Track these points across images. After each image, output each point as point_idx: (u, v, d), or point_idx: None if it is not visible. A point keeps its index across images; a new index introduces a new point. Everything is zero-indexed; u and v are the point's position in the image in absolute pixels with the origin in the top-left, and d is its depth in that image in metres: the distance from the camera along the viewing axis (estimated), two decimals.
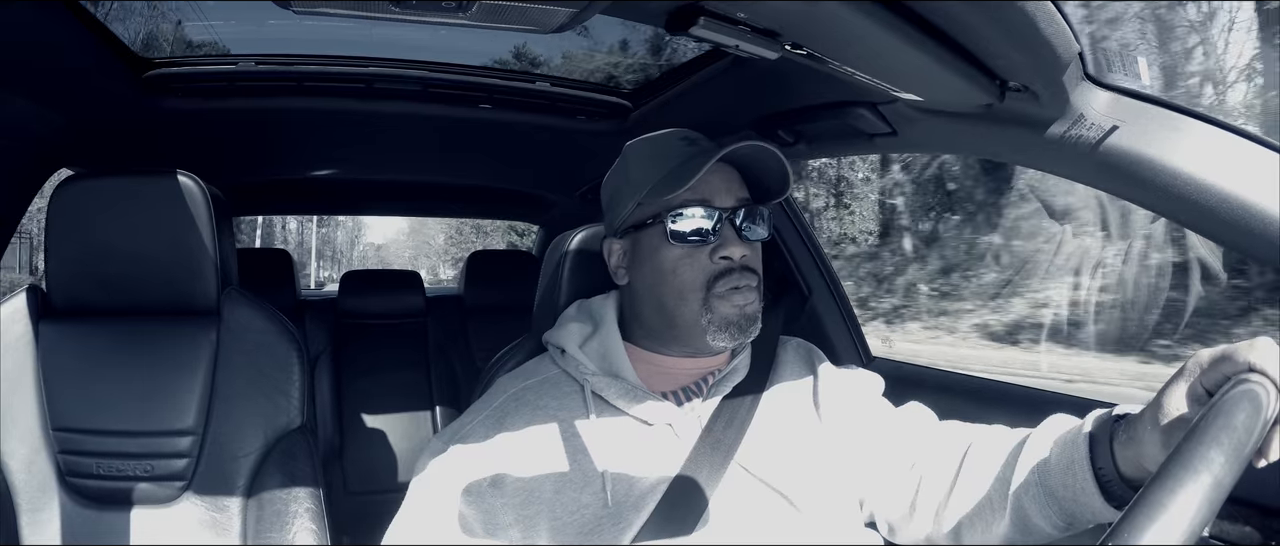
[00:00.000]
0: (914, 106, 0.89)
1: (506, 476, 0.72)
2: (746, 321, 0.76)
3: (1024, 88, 0.72)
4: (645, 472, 0.73)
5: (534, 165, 1.79)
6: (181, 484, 0.98)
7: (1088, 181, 0.81)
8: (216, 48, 1.45)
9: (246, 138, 1.50)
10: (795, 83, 1.02)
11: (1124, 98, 0.73)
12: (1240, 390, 0.45)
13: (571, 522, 0.70)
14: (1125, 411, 0.60)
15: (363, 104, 1.30)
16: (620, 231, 0.80)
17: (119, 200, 0.98)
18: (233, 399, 1.01)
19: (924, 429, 0.79)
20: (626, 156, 0.82)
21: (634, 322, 0.81)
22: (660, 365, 0.79)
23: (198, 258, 1.00)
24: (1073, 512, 0.62)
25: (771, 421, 0.78)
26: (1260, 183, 0.66)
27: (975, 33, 0.64)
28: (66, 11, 0.89)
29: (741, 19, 0.64)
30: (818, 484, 0.75)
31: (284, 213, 4.10)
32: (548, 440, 0.74)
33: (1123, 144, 0.72)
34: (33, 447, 0.96)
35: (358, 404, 2.02)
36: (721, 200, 0.76)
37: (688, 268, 0.75)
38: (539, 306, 0.92)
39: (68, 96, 1.09)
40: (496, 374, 0.88)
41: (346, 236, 29.68)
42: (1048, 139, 0.77)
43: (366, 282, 2.31)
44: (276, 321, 1.05)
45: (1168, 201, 0.72)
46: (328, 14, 0.65)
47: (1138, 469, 0.57)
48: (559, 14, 0.64)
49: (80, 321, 1.01)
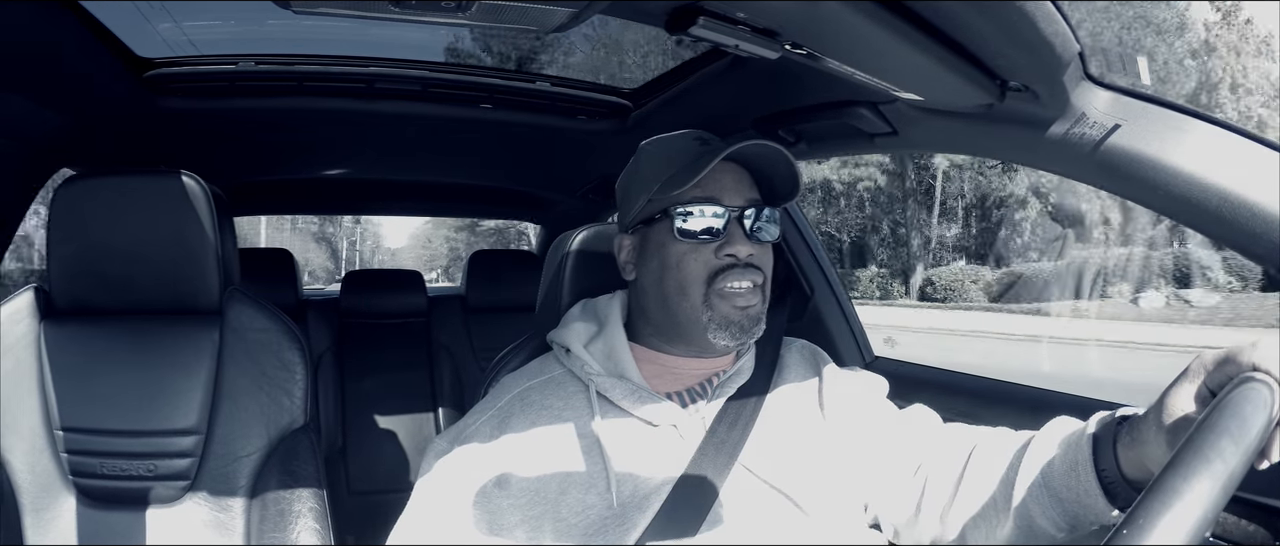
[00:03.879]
0: (914, 106, 0.88)
1: (511, 476, 0.72)
2: (748, 322, 0.76)
3: (1024, 87, 0.72)
4: (650, 473, 0.73)
5: (534, 165, 1.79)
6: (185, 483, 0.98)
7: (1089, 181, 0.81)
8: (216, 48, 1.45)
9: (247, 137, 1.50)
10: (795, 82, 1.02)
11: (1124, 97, 0.73)
12: (1247, 387, 0.46)
13: (577, 523, 0.71)
14: (1129, 413, 0.60)
15: (363, 104, 1.30)
16: (630, 227, 0.81)
17: (120, 200, 0.98)
18: (236, 398, 1.02)
19: (929, 432, 0.79)
20: (640, 154, 0.82)
21: (640, 319, 0.81)
22: (665, 365, 0.80)
23: (200, 257, 1.00)
24: (1076, 514, 0.62)
25: (776, 422, 0.78)
26: (1261, 182, 0.66)
27: (975, 32, 0.64)
28: (66, 11, 0.89)
29: (741, 19, 0.64)
30: (822, 485, 0.75)
31: (284, 212, 4.09)
32: (553, 440, 0.74)
33: (1123, 143, 0.72)
34: (36, 447, 0.96)
35: (360, 403, 2.02)
36: (730, 199, 0.76)
37: (692, 262, 0.75)
38: (541, 306, 0.92)
39: (68, 96, 1.09)
40: (500, 373, 0.88)
41: (372, 241, 31.69)
42: (1048, 138, 0.77)
43: (369, 282, 2.31)
44: (279, 321, 1.06)
45: (1169, 201, 0.71)
46: (327, 13, 0.65)
47: (1141, 470, 0.57)
48: (558, 14, 0.64)
49: (82, 321, 1.02)
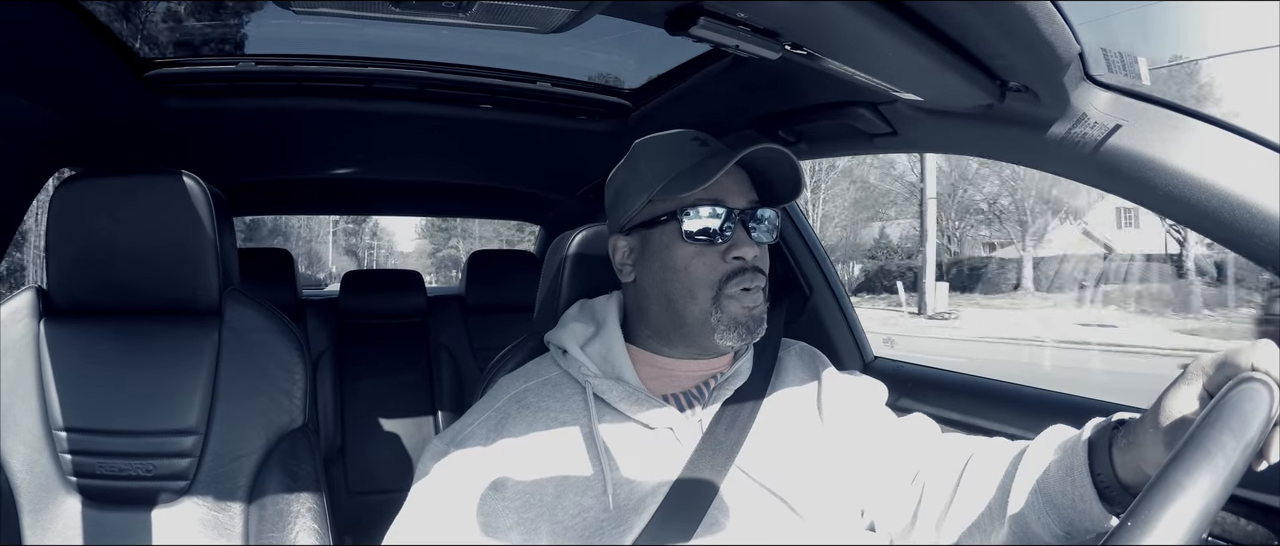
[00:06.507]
0: (914, 106, 0.88)
1: (507, 478, 0.72)
2: (754, 322, 0.76)
3: (1024, 88, 0.72)
4: (647, 476, 0.73)
5: (534, 165, 1.78)
6: (184, 484, 0.98)
7: (1089, 181, 0.81)
8: (216, 48, 1.45)
9: (247, 137, 1.50)
10: (795, 82, 1.02)
11: (1125, 98, 0.73)
12: (1246, 386, 0.46)
13: (573, 525, 0.70)
14: (1124, 417, 0.61)
15: (363, 104, 1.30)
16: (627, 228, 0.80)
17: (120, 200, 0.98)
18: (235, 398, 1.01)
19: (927, 440, 0.79)
20: (635, 154, 0.81)
21: (638, 321, 0.81)
22: (662, 367, 0.79)
23: (199, 257, 1.00)
24: (1071, 520, 0.61)
25: (774, 426, 0.78)
26: (1262, 183, 0.66)
27: (975, 33, 0.64)
28: (66, 11, 0.89)
29: (741, 19, 0.64)
30: (819, 489, 0.75)
31: (284, 212, 4.10)
32: (549, 442, 0.74)
33: (1124, 144, 0.72)
34: (35, 447, 0.96)
35: (359, 403, 2.02)
36: (734, 201, 0.76)
37: (700, 266, 0.75)
38: (540, 306, 0.92)
39: (68, 96, 1.09)
40: (497, 374, 0.88)
41: (386, 244, 33.71)
42: (1048, 139, 0.76)
43: (368, 282, 2.31)
44: (278, 321, 1.05)
45: (1169, 202, 0.71)
46: (327, 13, 0.65)
47: (1137, 474, 0.57)
48: (559, 14, 0.64)
49: (82, 321, 1.02)
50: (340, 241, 31.73)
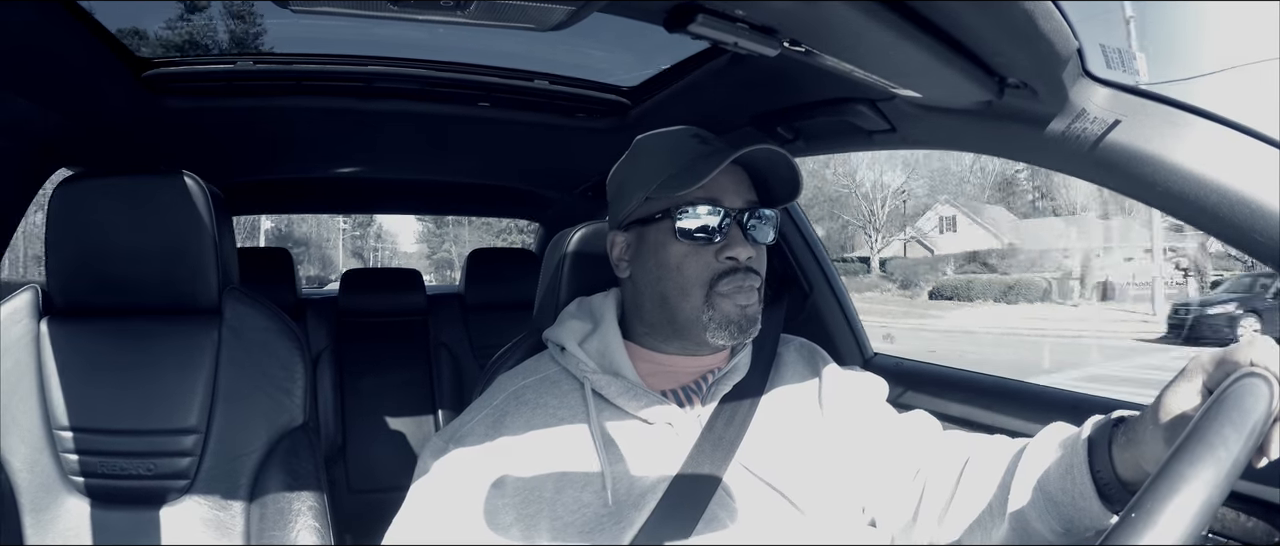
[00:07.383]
0: (913, 103, 0.88)
1: (507, 475, 0.72)
2: (747, 322, 0.76)
3: (1023, 84, 0.72)
4: (646, 471, 0.73)
5: (533, 163, 1.78)
6: (184, 483, 0.98)
7: (1088, 178, 0.81)
8: (215, 47, 1.45)
9: (246, 137, 1.50)
10: (794, 79, 1.02)
11: (1123, 94, 0.73)
12: (1247, 381, 0.46)
13: (572, 521, 0.71)
14: (1124, 415, 0.61)
15: (362, 103, 1.30)
16: (625, 224, 0.80)
17: (119, 199, 0.98)
18: (235, 397, 1.02)
19: (928, 437, 0.79)
20: (636, 150, 0.82)
21: (634, 318, 0.81)
22: (660, 363, 0.79)
23: (199, 256, 1.00)
24: (1071, 517, 0.62)
25: (774, 421, 0.78)
26: (1261, 179, 0.66)
27: (973, 29, 0.63)
28: (66, 11, 0.89)
29: (740, 16, 0.64)
30: (820, 485, 0.75)
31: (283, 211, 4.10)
32: (548, 439, 0.74)
33: (1123, 140, 0.72)
34: (35, 447, 0.97)
35: (359, 402, 2.02)
36: (730, 200, 0.76)
37: (693, 264, 0.75)
38: (540, 304, 0.92)
39: (68, 96, 1.09)
40: (496, 371, 0.88)
41: (389, 246, 34.74)
42: (1047, 135, 0.76)
43: (367, 281, 2.31)
44: (278, 320, 1.06)
45: (1168, 198, 0.71)
46: (325, 12, 0.65)
47: (1136, 471, 0.57)
48: (557, 12, 0.64)
49: (81, 321, 1.02)
50: (348, 245, 32.59)
